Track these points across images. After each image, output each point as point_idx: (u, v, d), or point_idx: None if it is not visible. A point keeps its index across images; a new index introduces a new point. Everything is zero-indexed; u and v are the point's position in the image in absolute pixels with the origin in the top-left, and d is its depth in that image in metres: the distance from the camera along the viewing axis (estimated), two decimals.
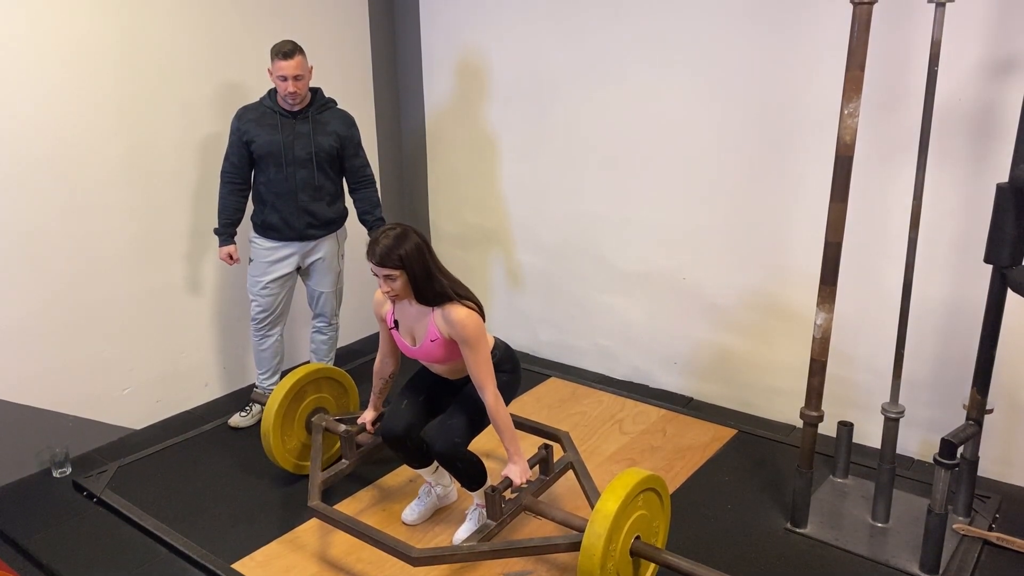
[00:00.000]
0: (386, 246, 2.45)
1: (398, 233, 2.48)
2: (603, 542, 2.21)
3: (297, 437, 3.20)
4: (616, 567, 2.31)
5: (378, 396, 3.00)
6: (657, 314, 3.92)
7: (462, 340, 2.51)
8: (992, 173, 2.87)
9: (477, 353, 2.52)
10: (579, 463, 2.84)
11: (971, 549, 2.70)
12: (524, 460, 2.65)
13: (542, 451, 2.80)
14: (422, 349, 2.63)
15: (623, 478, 2.35)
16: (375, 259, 2.47)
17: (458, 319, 2.50)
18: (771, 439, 3.48)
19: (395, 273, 2.47)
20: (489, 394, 2.55)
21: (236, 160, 3.38)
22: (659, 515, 2.52)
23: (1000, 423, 3.05)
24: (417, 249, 2.48)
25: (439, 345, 2.58)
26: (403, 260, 2.45)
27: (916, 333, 3.05)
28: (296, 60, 3.19)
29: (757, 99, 3.37)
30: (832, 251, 2.57)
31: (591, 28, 3.74)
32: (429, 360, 2.68)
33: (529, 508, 2.64)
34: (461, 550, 2.48)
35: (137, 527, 2.94)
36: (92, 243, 3.38)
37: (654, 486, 2.45)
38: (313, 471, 2.87)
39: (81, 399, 3.45)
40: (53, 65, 3.15)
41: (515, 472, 2.61)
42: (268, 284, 3.50)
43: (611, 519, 2.23)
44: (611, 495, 2.29)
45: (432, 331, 2.57)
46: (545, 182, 4.13)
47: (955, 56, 2.83)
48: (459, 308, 2.52)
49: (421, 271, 2.49)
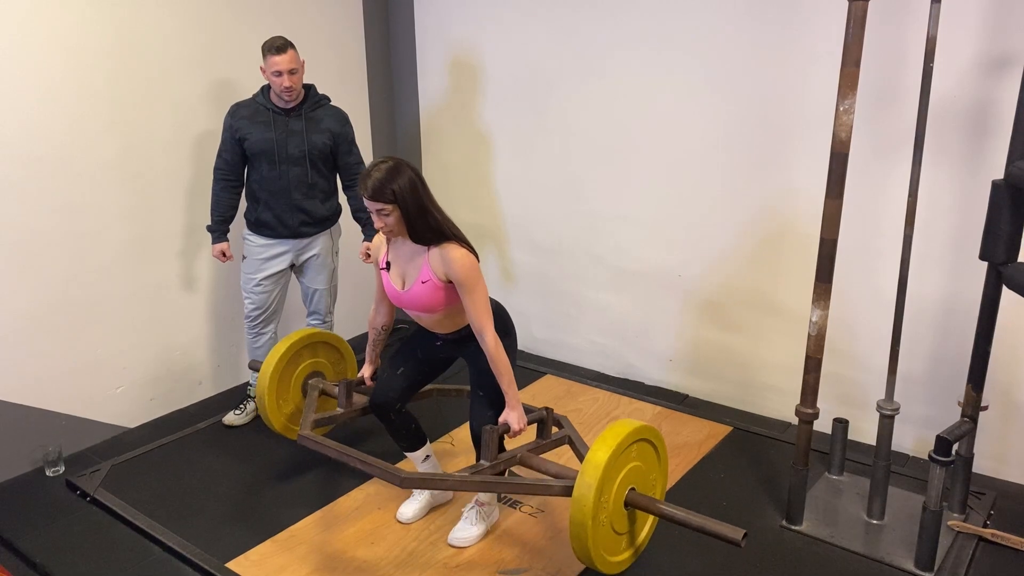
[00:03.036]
0: (378, 179, 2.38)
1: (390, 166, 2.41)
2: (594, 492, 2.18)
3: (293, 401, 3.17)
4: (610, 519, 2.28)
5: (372, 348, 2.94)
6: (652, 311, 3.92)
7: (458, 281, 2.44)
8: (987, 170, 2.87)
9: (474, 294, 2.46)
10: (576, 437, 2.77)
11: (966, 546, 2.71)
12: (521, 407, 2.59)
13: (541, 412, 2.73)
14: (410, 293, 2.54)
15: (614, 428, 2.31)
16: (367, 193, 2.39)
17: (454, 257, 2.43)
18: (766, 436, 3.48)
19: (387, 208, 2.40)
20: (488, 337, 2.48)
21: (229, 157, 3.37)
22: (655, 468, 2.47)
23: (995, 420, 3.05)
24: (411, 184, 2.41)
25: (430, 288, 2.50)
26: (396, 195, 2.38)
27: (911, 330, 3.06)
28: (289, 54, 3.18)
29: (752, 96, 3.36)
30: (827, 248, 2.57)
31: (586, 24, 3.73)
32: (416, 307, 2.57)
33: (524, 462, 2.60)
34: (452, 477, 2.45)
35: (131, 526, 2.92)
36: (85, 241, 3.36)
37: (648, 437, 2.40)
38: (305, 415, 2.86)
39: (74, 398, 3.43)
40: (45, 64, 3.12)
41: (513, 418, 2.54)
42: (262, 281, 3.49)
43: (602, 468, 2.19)
44: (602, 445, 2.25)
45: (425, 271, 2.50)
46: (540, 179, 4.12)
47: (951, 53, 2.83)
48: (456, 247, 2.46)
49: (415, 206, 2.41)
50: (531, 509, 2.98)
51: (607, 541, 2.32)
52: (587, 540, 2.21)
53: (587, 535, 2.21)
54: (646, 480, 2.42)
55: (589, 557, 2.27)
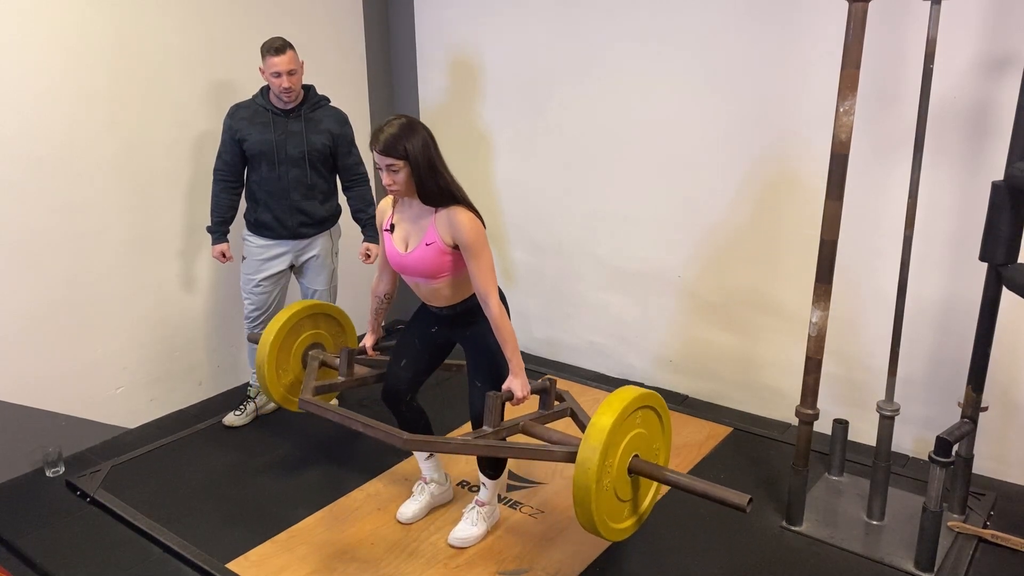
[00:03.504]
0: (391, 135, 2.35)
1: (404, 123, 2.38)
2: (598, 455, 2.16)
3: (292, 371, 3.16)
4: (613, 484, 2.26)
5: (375, 317, 2.92)
6: (652, 312, 3.92)
7: (465, 245, 2.41)
8: (987, 171, 2.88)
9: (480, 259, 2.43)
10: (579, 409, 2.74)
11: (966, 546, 2.71)
12: (525, 376, 2.56)
13: (545, 382, 2.71)
14: (412, 256, 2.50)
15: (619, 393, 2.30)
16: (379, 147, 2.36)
17: (461, 220, 2.41)
18: (766, 437, 3.48)
19: (398, 164, 2.37)
20: (493, 303, 2.46)
21: (229, 158, 3.37)
22: (659, 437, 2.45)
23: (995, 421, 3.05)
24: (423, 142, 2.38)
25: (433, 252, 2.46)
26: (408, 151, 2.35)
27: (911, 331, 3.05)
28: (288, 55, 3.18)
29: (753, 97, 3.36)
30: (828, 249, 2.57)
31: (586, 25, 3.73)
32: (417, 272, 2.53)
33: (526, 430, 2.58)
34: (454, 441, 2.45)
35: (130, 527, 2.92)
36: (85, 242, 3.36)
37: (652, 404, 2.39)
38: (306, 382, 2.85)
39: (74, 398, 3.43)
40: (46, 64, 3.12)
41: (517, 385, 2.51)
42: (261, 282, 3.48)
43: (607, 432, 2.18)
44: (607, 409, 2.23)
45: (430, 233, 2.46)
46: (539, 180, 4.12)
47: (950, 54, 2.83)
48: (464, 211, 2.43)
49: (426, 165, 2.38)
50: (531, 510, 2.98)
51: (610, 507, 2.30)
52: (590, 504, 2.19)
53: (591, 499, 2.19)
54: (649, 448, 2.40)
55: (592, 522, 2.24)
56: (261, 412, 3.72)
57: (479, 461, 2.76)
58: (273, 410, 3.76)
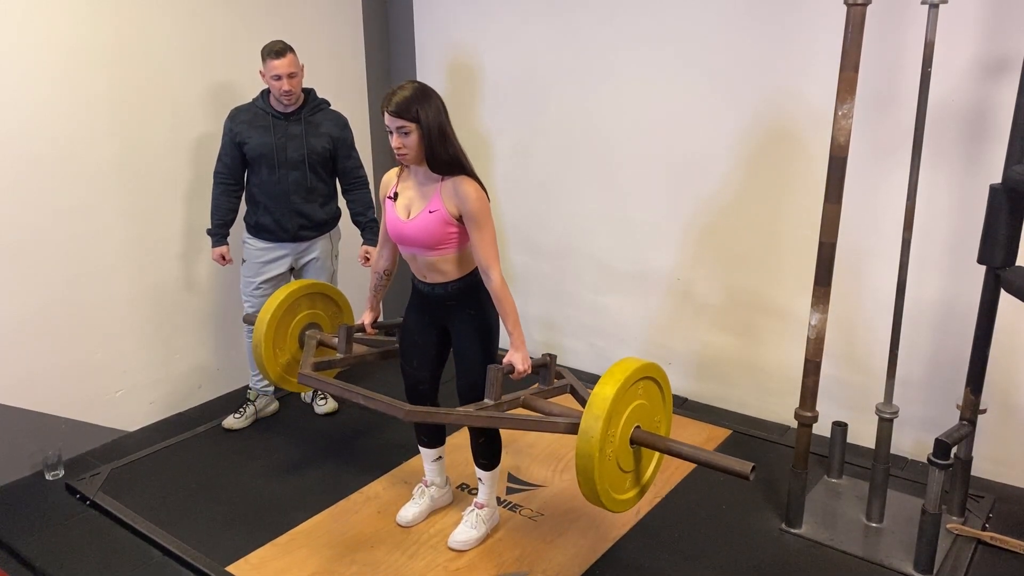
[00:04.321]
0: (404, 97, 2.32)
1: (418, 87, 2.36)
2: (602, 424, 2.16)
3: (289, 351, 3.13)
4: (615, 454, 2.26)
5: (374, 294, 2.89)
6: (651, 314, 3.92)
7: (470, 215, 2.39)
8: (985, 174, 2.88)
9: (483, 231, 2.42)
10: (579, 385, 2.74)
11: (965, 549, 2.71)
12: (526, 350, 2.55)
13: (545, 358, 2.70)
14: (414, 223, 2.46)
15: (621, 364, 2.30)
16: (391, 108, 2.32)
17: (467, 191, 2.39)
18: (766, 439, 3.49)
19: (409, 127, 2.34)
20: (495, 275, 2.45)
21: (229, 161, 3.38)
22: (660, 409, 2.46)
23: (993, 423, 3.06)
24: (437, 109, 2.36)
25: (436, 220, 2.43)
26: (419, 115, 2.32)
27: (910, 333, 3.06)
28: (289, 58, 3.18)
29: (751, 100, 3.37)
30: (826, 251, 2.58)
31: (585, 28, 3.74)
32: (417, 242, 2.48)
33: (527, 404, 2.57)
34: (455, 412, 2.44)
35: (130, 530, 2.92)
36: (84, 244, 3.36)
37: (653, 375, 2.39)
38: (305, 358, 2.84)
39: (74, 401, 3.43)
40: (45, 66, 3.13)
41: (517, 359, 2.50)
42: (261, 285, 3.49)
43: (609, 401, 2.18)
44: (609, 379, 2.23)
45: (435, 201, 2.43)
46: (539, 182, 4.13)
47: (948, 57, 2.84)
48: (470, 181, 2.42)
49: (438, 131, 2.36)
50: (531, 512, 2.98)
51: (613, 477, 2.29)
52: (593, 473, 2.19)
53: (593, 467, 2.18)
54: (651, 420, 2.40)
55: (595, 492, 2.24)
56: (261, 415, 3.72)
57: (474, 451, 2.75)
58: (273, 413, 3.77)
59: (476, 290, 2.57)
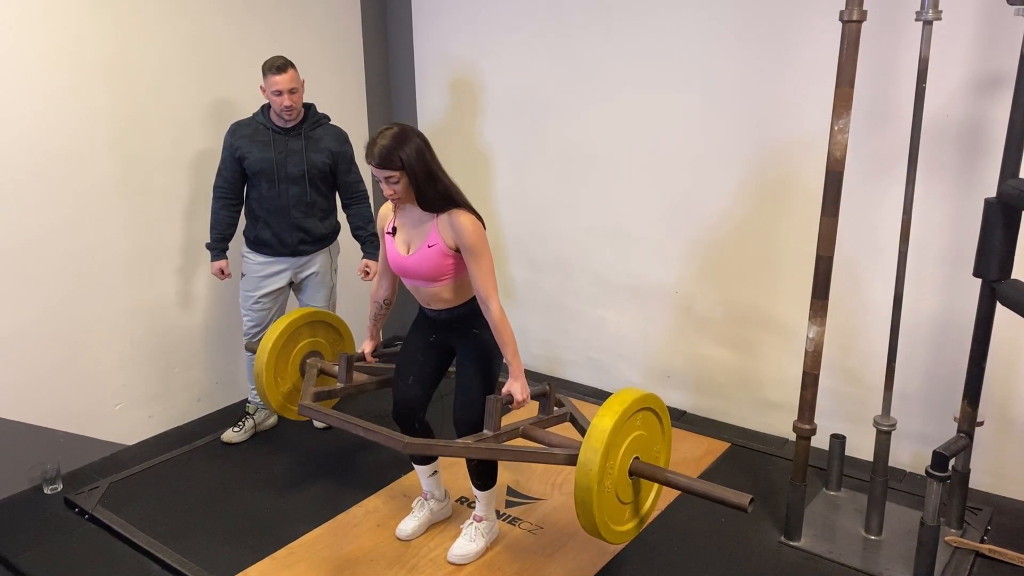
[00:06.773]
0: (384, 147, 2.36)
1: (396, 133, 2.39)
2: (600, 456, 2.16)
3: (290, 379, 3.16)
4: (614, 486, 2.26)
5: (373, 323, 2.91)
6: (650, 328, 3.93)
7: (467, 247, 2.43)
8: (980, 188, 2.91)
9: (481, 261, 2.45)
10: (579, 415, 2.75)
11: (963, 561, 2.72)
12: (525, 379, 2.56)
13: (544, 386, 2.70)
14: (414, 258, 2.51)
15: (619, 395, 2.31)
16: (374, 161, 2.37)
17: (463, 223, 2.43)
18: (764, 452, 3.49)
19: (395, 175, 2.38)
20: (493, 305, 2.47)
21: (229, 175, 3.39)
22: (659, 440, 2.46)
23: (991, 435, 3.07)
24: (418, 151, 2.39)
25: (435, 254, 2.47)
26: (404, 161, 2.36)
27: (907, 346, 3.07)
28: (290, 73, 3.20)
29: (748, 115, 3.40)
30: (823, 265, 2.60)
31: (584, 45, 3.77)
32: (418, 274, 2.53)
33: (527, 434, 2.58)
34: (454, 444, 2.44)
35: (129, 544, 2.92)
36: (84, 258, 3.37)
37: (652, 406, 2.40)
38: (305, 388, 2.85)
39: (73, 415, 3.43)
40: (46, 81, 3.15)
41: (517, 388, 2.51)
42: (260, 299, 3.50)
43: (607, 433, 2.18)
44: (607, 411, 2.24)
45: (432, 236, 2.47)
46: (538, 197, 4.15)
47: (943, 73, 2.87)
48: (465, 214, 2.45)
49: (423, 173, 2.39)
50: (530, 526, 2.98)
51: (612, 509, 2.30)
52: (592, 506, 2.19)
53: (592, 500, 2.19)
54: (650, 450, 2.40)
55: (594, 524, 2.24)
56: (260, 428, 3.72)
57: (470, 472, 2.76)
58: (272, 426, 3.77)
59: (480, 313, 2.59)
